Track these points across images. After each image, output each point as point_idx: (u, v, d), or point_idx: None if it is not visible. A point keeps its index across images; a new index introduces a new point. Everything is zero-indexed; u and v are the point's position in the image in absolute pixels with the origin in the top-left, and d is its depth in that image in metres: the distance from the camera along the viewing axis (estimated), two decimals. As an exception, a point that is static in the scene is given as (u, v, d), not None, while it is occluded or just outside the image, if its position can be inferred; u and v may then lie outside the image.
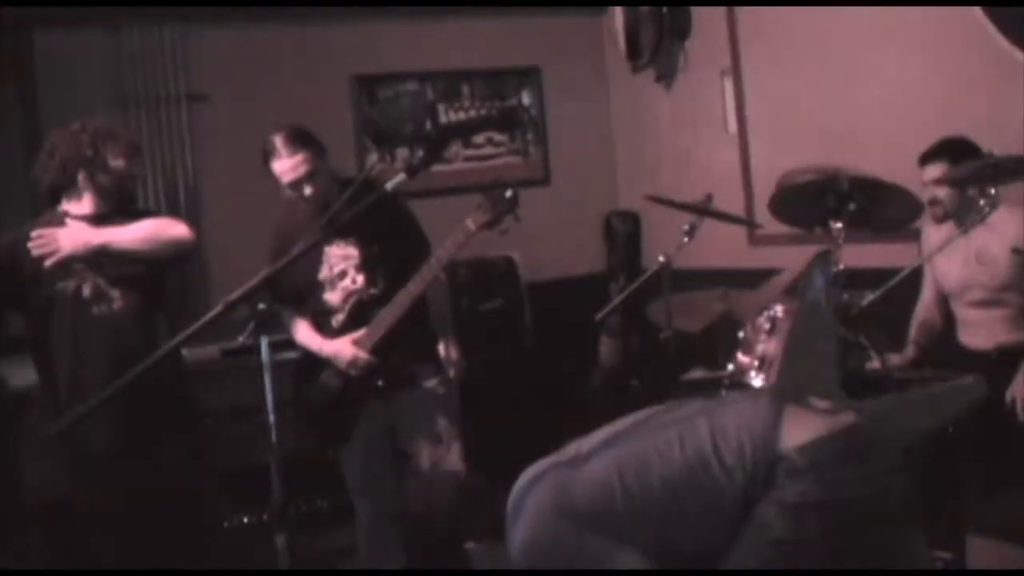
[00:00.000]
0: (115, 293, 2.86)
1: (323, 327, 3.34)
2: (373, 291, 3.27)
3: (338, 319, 3.31)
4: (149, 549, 2.88)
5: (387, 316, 3.19)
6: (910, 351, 3.58)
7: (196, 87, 4.93)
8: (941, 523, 3.05)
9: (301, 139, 3.24)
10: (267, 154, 3.23)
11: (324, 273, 3.30)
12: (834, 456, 1.98)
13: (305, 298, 3.35)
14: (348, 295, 3.30)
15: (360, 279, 3.28)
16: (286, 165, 3.20)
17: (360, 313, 3.27)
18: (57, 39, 4.70)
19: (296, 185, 3.22)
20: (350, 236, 3.27)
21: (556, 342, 5.05)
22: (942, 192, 3.33)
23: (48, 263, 2.80)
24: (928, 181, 3.35)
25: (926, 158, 3.38)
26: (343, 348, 3.24)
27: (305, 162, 3.20)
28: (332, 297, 3.31)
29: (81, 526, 2.92)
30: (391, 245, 3.28)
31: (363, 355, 3.21)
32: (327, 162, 3.32)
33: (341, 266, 3.30)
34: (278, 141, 3.21)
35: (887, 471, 2.02)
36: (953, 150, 3.29)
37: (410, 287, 3.17)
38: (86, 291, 2.84)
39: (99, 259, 2.86)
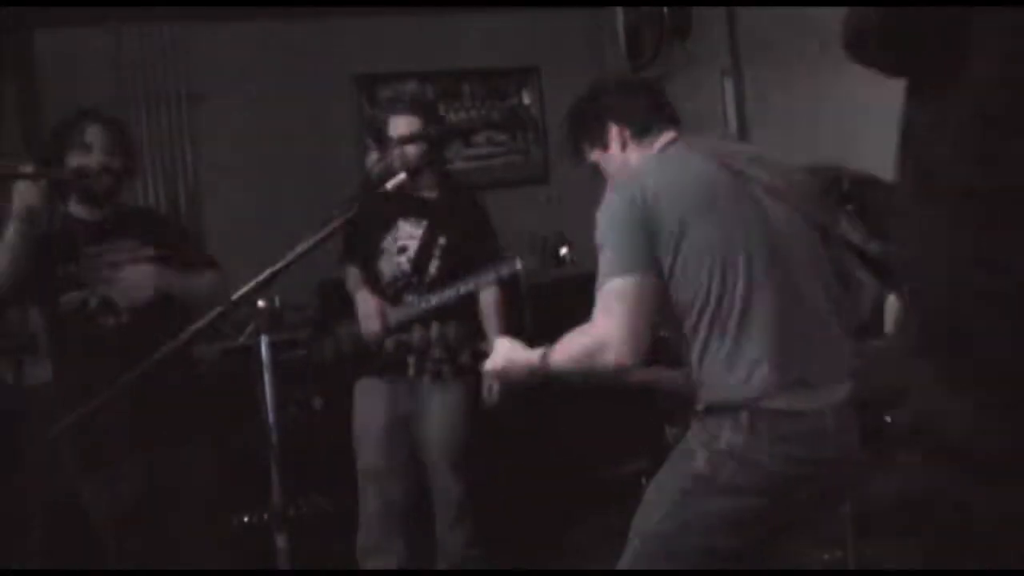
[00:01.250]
0: (123, 306, 2.83)
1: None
2: (415, 279, 3.33)
3: (379, 290, 3.39)
4: (161, 550, 2.88)
5: (412, 311, 3.27)
6: None
7: (196, 87, 4.94)
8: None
9: (422, 107, 3.54)
10: (388, 117, 3.48)
11: (388, 243, 3.38)
12: (785, 433, 1.96)
13: (366, 260, 3.45)
14: (398, 272, 3.37)
15: (414, 260, 3.36)
16: (398, 121, 3.40)
17: (396, 294, 3.34)
18: (57, 39, 4.70)
19: (398, 141, 3.36)
20: (424, 218, 3.35)
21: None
22: None
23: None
24: None
25: None
26: (369, 303, 3.34)
27: (413, 125, 3.38)
28: (386, 267, 3.38)
29: (89, 527, 2.91)
30: (458, 240, 3.33)
31: (377, 322, 3.29)
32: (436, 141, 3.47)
33: (405, 242, 3.39)
34: (404, 101, 3.59)
35: (822, 463, 2.00)
36: None
37: (438, 297, 3.25)
38: (92, 302, 2.83)
39: (111, 272, 2.84)
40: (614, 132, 2.31)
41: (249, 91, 4.97)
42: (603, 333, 2.01)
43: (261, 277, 2.07)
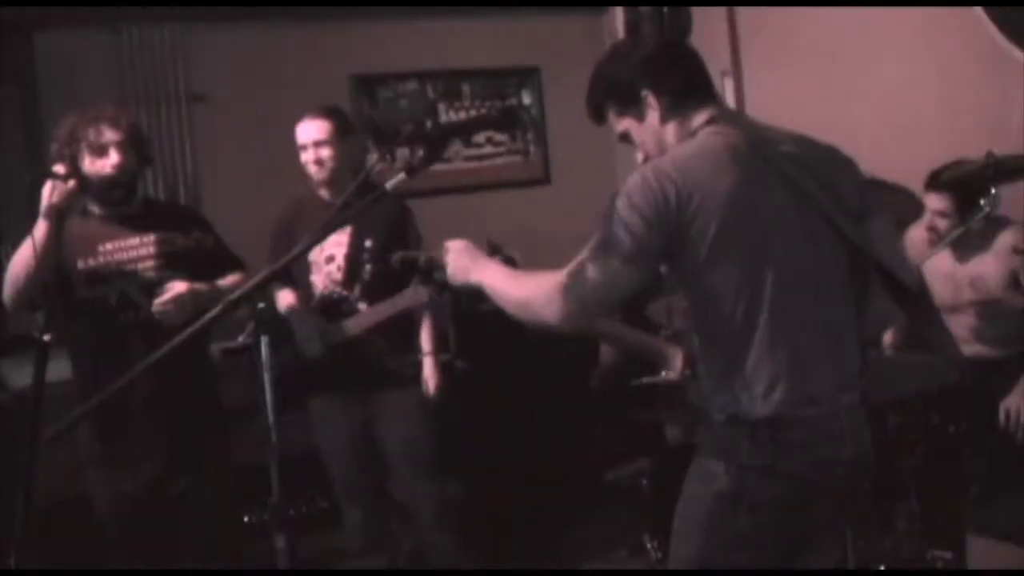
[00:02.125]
0: (143, 301, 2.83)
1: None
2: (345, 293, 3.29)
3: (313, 303, 3.34)
4: (167, 550, 2.88)
5: (354, 326, 3.24)
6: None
7: (196, 87, 4.94)
8: (941, 523, 3.06)
9: (331, 111, 3.35)
10: (297, 124, 3.33)
11: (315, 254, 3.33)
12: (803, 439, 1.94)
13: (295, 276, 3.37)
14: (328, 282, 3.32)
15: (344, 268, 3.30)
16: (307, 126, 3.29)
17: (332, 305, 3.30)
18: (57, 39, 4.70)
19: (310, 148, 3.27)
20: (347, 224, 3.29)
21: (556, 341, 5.04)
22: (942, 223, 3.29)
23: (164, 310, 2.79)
24: (931, 209, 3.31)
25: (933, 185, 3.30)
26: (306, 324, 3.27)
27: (325, 129, 3.27)
28: (316, 279, 3.34)
29: (97, 526, 2.90)
30: (384, 241, 3.27)
31: (318, 344, 3.24)
32: (349, 146, 3.37)
33: (332, 251, 3.33)
34: (310, 108, 3.32)
35: (841, 464, 1.99)
36: (960, 186, 3.21)
37: (369, 313, 3.21)
38: (112, 299, 2.83)
39: (131, 267, 2.84)
40: (651, 101, 2.11)
41: (249, 91, 4.97)
42: (562, 292, 1.96)
43: (259, 277, 2.07)
